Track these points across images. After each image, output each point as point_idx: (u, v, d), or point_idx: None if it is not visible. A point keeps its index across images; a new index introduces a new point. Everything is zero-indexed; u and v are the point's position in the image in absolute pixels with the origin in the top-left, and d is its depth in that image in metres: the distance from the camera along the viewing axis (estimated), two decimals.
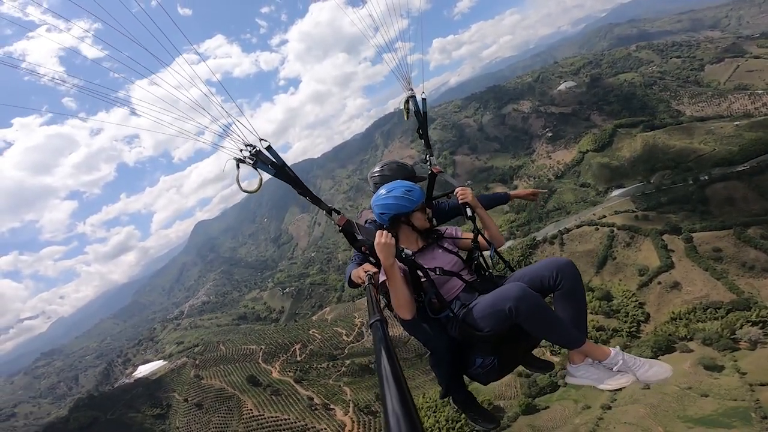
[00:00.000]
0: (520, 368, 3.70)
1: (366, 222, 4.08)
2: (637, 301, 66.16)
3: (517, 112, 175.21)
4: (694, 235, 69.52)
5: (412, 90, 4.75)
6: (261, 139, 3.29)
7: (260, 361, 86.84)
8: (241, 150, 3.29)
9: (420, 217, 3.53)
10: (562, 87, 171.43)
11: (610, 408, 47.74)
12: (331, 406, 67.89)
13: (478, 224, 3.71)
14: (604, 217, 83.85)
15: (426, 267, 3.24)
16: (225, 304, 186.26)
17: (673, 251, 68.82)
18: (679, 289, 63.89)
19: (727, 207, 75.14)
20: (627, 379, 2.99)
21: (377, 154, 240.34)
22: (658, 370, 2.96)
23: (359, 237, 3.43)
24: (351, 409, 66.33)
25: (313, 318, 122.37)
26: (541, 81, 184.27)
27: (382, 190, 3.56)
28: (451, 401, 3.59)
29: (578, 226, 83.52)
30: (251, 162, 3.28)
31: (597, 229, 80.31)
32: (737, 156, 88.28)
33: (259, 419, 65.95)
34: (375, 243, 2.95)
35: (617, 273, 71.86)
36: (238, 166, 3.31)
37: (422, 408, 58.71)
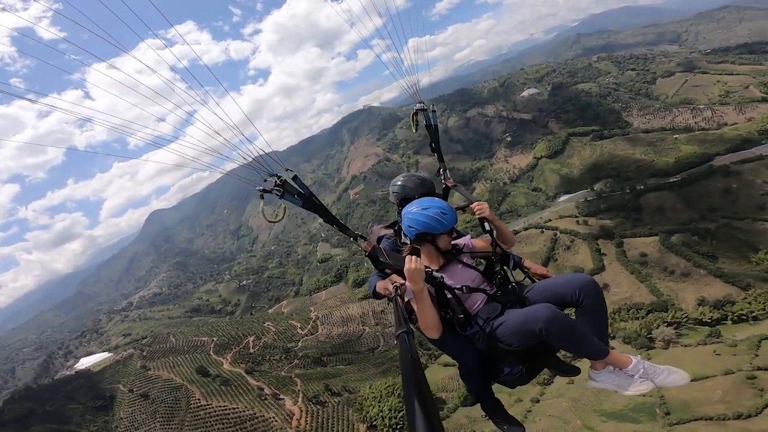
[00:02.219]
0: None
1: (379, 239, 4.20)
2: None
3: (481, 116, 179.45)
4: (624, 240, 75.51)
5: (423, 103, 4.78)
6: (287, 169, 3.32)
7: (211, 353, 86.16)
8: (265, 180, 3.28)
9: (446, 240, 3.54)
10: (525, 93, 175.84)
11: (538, 401, 51.42)
12: (281, 396, 68.72)
13: (497, 237, 3.75)
14: (550, 221, 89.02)
15: (453, 286, 3.34)
16: (178, 296, 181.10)
17: (605, 255, 74.50)
18: (607, 290, 68.90)
19: (657, 215, 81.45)
20: (647, 387, 3.14)
21: (343, 150, 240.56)
22: (676, 377, 3.14)
23: (383, 260, 3.47)
24: (300, 399, 67.44)
25: (270, 311, 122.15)
26: (507, 87, 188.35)
27: (416, 205, 3.56)
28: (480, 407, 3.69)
29: (526, 229, 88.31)
30: (278, 194, 3.26)
31: (542, 232, 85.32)
32: (671, 168, 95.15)
33: (207, 408, 65.92)
34: (405, 269, 3.00)
35: (557, 274, 76.41)
36: (262, 197, 3.29)
37: (367, 398, 60.79)
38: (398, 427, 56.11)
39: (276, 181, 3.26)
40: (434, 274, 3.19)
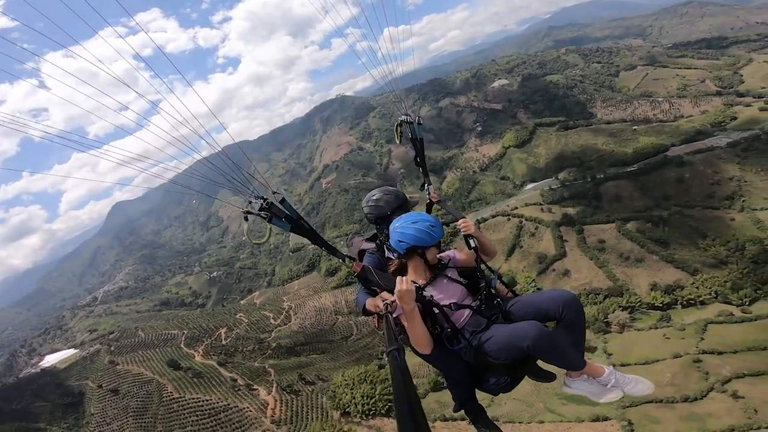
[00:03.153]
0: None
1: (361, 252, 4.21)
2: (535, 286, 73.24)
3: (453, 106, 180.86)
4: (584, 227, 78.54)
5: (410, 115, 4.73)
6: (274, 192, 3.26)
7: (182, 346, 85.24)
8: (250, 202, 3.21)
9: (434, 253, 3.60)
10: (495, 84, 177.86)
11: None
12: (255, 387, 69.14)
13: (480, 250, 3.84)
14: (516, 208, 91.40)
15: (441, 304, 3.42)
16: (145, 289, 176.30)
17: (567, 241, 77.38)
18: (569, 276, 72.18)
19: (615, 203, 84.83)
20: (617, 395, 3.42)
21: (315, 139, 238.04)
22: (642, 386, 3.42)
23: (373, 280, 3.52)
24: (274, 389, 68.06)
25: (242, 302, 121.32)
26: (478, 77, 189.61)
27: (404, 219, 3.60)
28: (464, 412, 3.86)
29: (493, 216, 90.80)
30: (266, 216, 3.18)
31: (509, 220, 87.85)
32: (630, 157, 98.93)
33: (180, 401, 65.63)
34: (396, 290, 3.05)
35: (523, 260, 79.57)
36: (246, 218, 3.22)
37: (340, 386, 62.09)
38: (370, 412, 57.82)
39: (262, 204, 3.20)
40: (424, 293, 3.30)
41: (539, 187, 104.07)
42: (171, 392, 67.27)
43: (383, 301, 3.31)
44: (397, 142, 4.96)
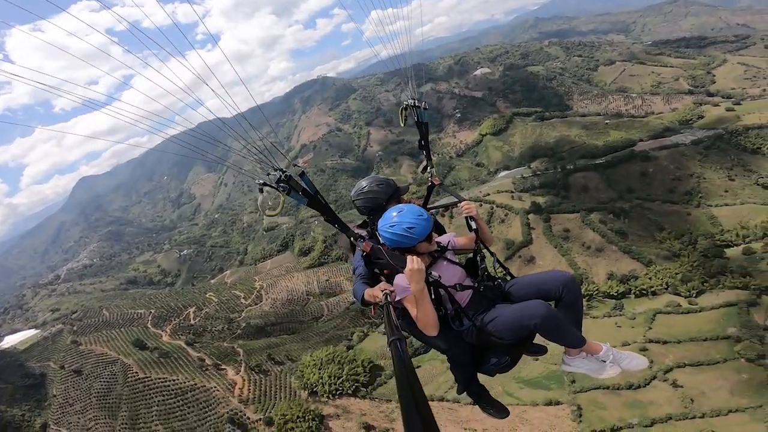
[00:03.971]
0: None
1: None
2: (502, 272, 75.22)
3: (434, 92, 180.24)
4: (551, 216, 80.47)
5: (416, 99, 4.82)
6: (294, 165, 3.31)
7: (149, 326, 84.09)
8: (268, 174, 3.18)
9: (424, 246, 3.53)
10: (477, 72, 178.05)
11: None
12: (223, 367, 69.14)
13: (480, 235, 4.00)
14: (488, 195, 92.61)
15: (446, 284, 3.45)
16: (111, 267, 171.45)
17: (534, 229, 79.19)
18: (534, 263, 74.16)
19: (582, 194, 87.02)
20: (615, 371, 3.50)
21: (294, 118, 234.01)
22: (637, 361, 3.53)
23: (383, 261, 3.49)
24: (243, 369, 68.29)
25: (212, 281, 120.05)
26: (461, 64, 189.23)
27: (387, 219, 3.54)
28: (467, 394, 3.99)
29: None
30: (284, 189, 3.13)
31: (481, 206, 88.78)
32: (599, 150, 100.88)
33: (145, 381, 64.98)
34: (407, 269, 3.10)
35: (492, 246, 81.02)
36: (261, 190, 3.18)
37: (308, 365, 62.92)
38: (337, 392, 58.98)
39: (281, 176, 3.15)
40: (432, 274, 3.35)
41: (512, 175, 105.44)
42: (136, 372, 66.48)
43: (382, 291, 3.35)
44: (401, 125, 5.03)
